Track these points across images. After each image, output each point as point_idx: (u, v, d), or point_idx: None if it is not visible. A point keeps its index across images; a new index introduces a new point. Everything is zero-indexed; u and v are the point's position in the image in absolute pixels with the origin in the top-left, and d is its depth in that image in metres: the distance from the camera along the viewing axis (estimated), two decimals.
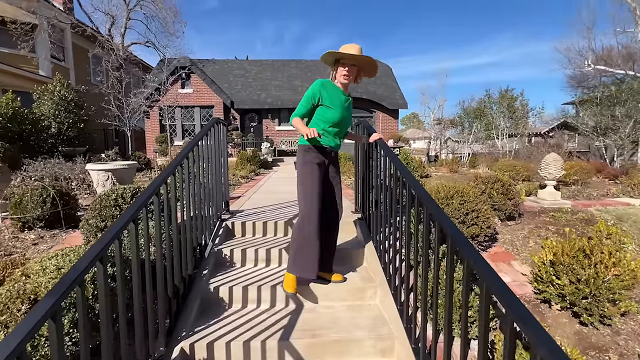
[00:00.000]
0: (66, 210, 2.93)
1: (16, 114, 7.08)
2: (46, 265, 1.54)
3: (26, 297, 1.41)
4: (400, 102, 13.98)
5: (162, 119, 14.01)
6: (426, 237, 1.63)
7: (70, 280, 1.00)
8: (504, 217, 3.09)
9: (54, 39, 12.87)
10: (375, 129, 3.24)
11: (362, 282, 2.36)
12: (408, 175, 1.93)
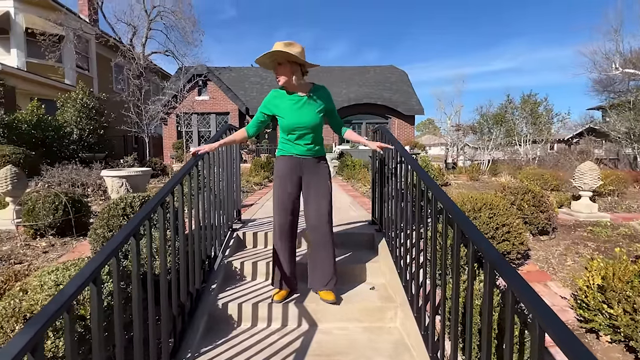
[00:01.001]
0: (77, 217, 2.89)
1: (40, 120, 7.32)
2: (44, 281, 1.44)
3: (21, 315, 1.32)
4: (416, 108, 13.71)
5: (179, 126, 14.28)
6: (456, 256, 1.44)
7: (52, 311, 0.88)
8: (536, 231, 2.83)
9: (79, 49, 13.42)
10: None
11: (380, 302, 2.17)
12: (433, 185, 1.75)
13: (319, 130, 2.16)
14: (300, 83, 2.07)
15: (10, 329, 1.28)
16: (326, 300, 2.09)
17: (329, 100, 2.16)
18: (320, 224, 2.11)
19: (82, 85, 8.91)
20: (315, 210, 2.13)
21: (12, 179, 3.18)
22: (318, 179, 2.16)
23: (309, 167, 2.16)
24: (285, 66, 1.99)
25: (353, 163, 8.84)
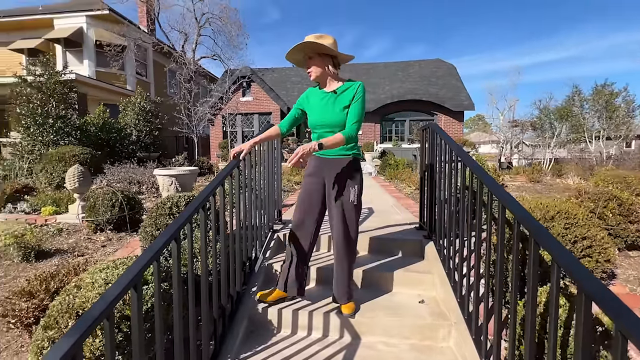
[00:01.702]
0: (131, 214, 3.05)
1: (105, 123, 8.07)
2: (95, 279, 1.49)
3: (74, 312, 1.36)
4: (465, 104, 12.79)
5: (224, 126, 14.95)
6: (532, 276, 1.20)
7: (92, 317, 0.85)
8: (624, 245, 2.36)
9: (139, 57, 14.67)
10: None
11: (431, 318, 1.96)
12: (499, 189, 1.50)
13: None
14: (332, 78, 1.93)
15: (64, 325, 1.33)
16: (345, 314, 1.95)
17: (356, 96, 1.88)
18: (338, 238, 1.96)
19: (140, 90, 9.71)
20: (336, 223, 1.95)
21: (78, 177, 3.47)
22: (342, 183, 1.95)
23: (332, 169, 1.97)
24: (315, 59, 1.87)
25: (396, 162, 8.49)
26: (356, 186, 1.96)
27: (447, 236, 2.18)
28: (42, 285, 1.68)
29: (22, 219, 3.64)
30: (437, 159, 2.55)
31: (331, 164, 1.99)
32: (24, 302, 1.66)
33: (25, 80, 6.37)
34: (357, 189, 1.96)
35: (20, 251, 2.50)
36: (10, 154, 6.44)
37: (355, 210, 1.96)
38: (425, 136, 2.97)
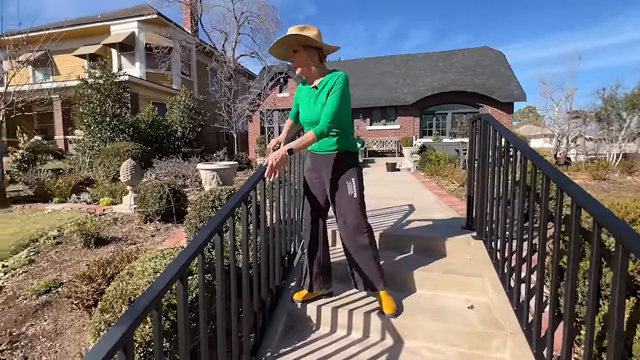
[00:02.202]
0: (177, 206, 3.19)
1: (154, 121, 8.62)
2: (145, 267, 1.55)
3: (126, 298, 1.43)
4: (516, 94, 11.78)
5: (262, 122, 15.31)
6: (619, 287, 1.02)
7: (143, 307, 0.87)
8: None
9: (183, 57, 15.48)
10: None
11: (483, 326, 1.80)
12: (573, 187, 1.30)
13: (343, 126, 1.87)
14: (319, 71, 1.81)
15: (118, 309, 1.40)
16: (387, 314, 1.87)
17: (333, 88, 1.75)
18: (345, 234, 1.92)
19: (185, 89, 10.22)
20: (339, 218, 1.93)
21: (130, 171, 3.72)
22: (338, 179, 1.89)
23: (325, 165, 1.93)
24: (300, 53, 1.76)
25: (437, 157, 8.08)
26: (353, 179, 1.89)
27: (502, 237, 1.98)
28: (99, 270, 1.80)
29: (84, 209, 3.99)
30: (489, 153, 2.34)
31: (322, 159, 1.95)
32: (84, 285, 1.79)
33: (87, 83, 7.00)
34: (354, 182, 1.89)
35: (82, 238, 2.73)
36: (75, 150, 7.14)
37: (357, 203, 1.89)
38: (476, 128, 2.74)
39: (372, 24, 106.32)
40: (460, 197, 4.66)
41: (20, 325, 1.89)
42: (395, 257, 2.44)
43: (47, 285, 2.19)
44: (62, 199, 4.45)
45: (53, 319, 1.93)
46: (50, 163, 6.74)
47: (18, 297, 2.14)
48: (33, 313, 1.98)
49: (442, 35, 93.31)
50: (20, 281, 2.35)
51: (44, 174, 5.66)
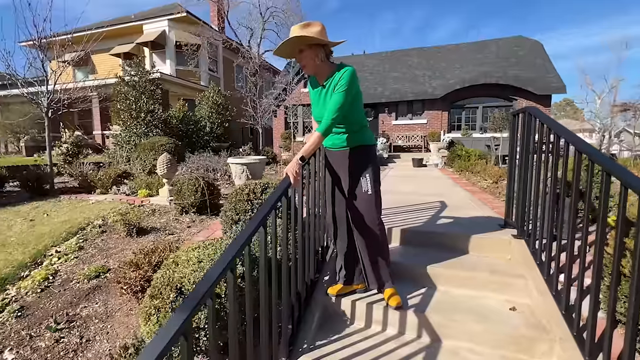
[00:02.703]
0: (211, 199, 3.29)
1: (185, 116, 8.92)
2: (190, 257, 1.61)
3: (174, 285, 1.49)
4: (554, 86, 11.07)
5: (287, 117, 15.42)
6: None
7: (199, 295, 0.90)
8: None
9: (210, 54, 15.85)
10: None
11: (527, 329, 1.72)
12: (634, 181, 1.21)
13: (346, 117, 1.79)
14: (326, 67, 1.78)
15: (166, 296, 1.47)
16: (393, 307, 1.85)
17: (338, 84, 1.73)
18: (359, 229, 1.92)
19: (213, 85, 10.48)
20: (353, 214, 1.92)
21: (166, 164, 3.87)
22: (352, 174, 1.89)
23: (339, 161, 1.94)
24: (306, 52, 1.72)
25: (468, 153, 7.79)
26: (368, 175, 1.86)
27: (549, 236, 1.88)
28: (145, 258, 1.89)
29: (124, 200, 4.21)
30: (534, 148, 2.21)
31: (338, 156, 1.95)
32: (131, 272, 1.89)
33: (124, 80, 7.35)
34: (369, 178, 1.86)
35: (125, 227, 2.88)
36: (113, 144, 7.55)
37: (372, 199, 1.86)
38: (518, 122, 2.60)
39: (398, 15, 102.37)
40: (495, 195, 4.47)
41: (75, 307, 2.03)
42: (430, 254, 2.38)
43: (96, 270, 2.34)
44: (104, 190, 4.72)
45: (103, 302, 2.07)
46: (90, 157, 7.17)
47: (72, 281, 2.30)
48: (85, 296, 2.13)
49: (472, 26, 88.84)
50: (72, 266, 2.52)
51: (86, 167, 6.03)
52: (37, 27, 4.62)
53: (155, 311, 1.45)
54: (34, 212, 3.88)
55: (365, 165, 1.89)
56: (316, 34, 1.69)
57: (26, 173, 4.59)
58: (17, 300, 2.11)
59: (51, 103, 4.89)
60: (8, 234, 3.20)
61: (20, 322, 1.90)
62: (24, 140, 14.23)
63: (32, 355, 1.66)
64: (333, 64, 1.82)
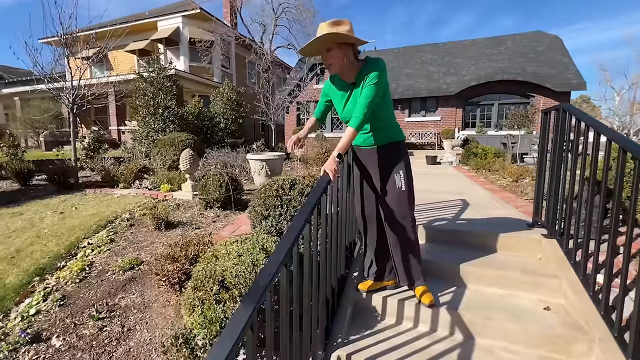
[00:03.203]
0: (235, 194, 3.34)
1: (200, 112, 9.02)
2: (229, 250, 1.65)
3: (216, 278, 1.53)
4: (574, 83, 10.79)
5: (299, 113, 15.45)
6: None
7: (262, 289, 0.93)
8: None
9: (223, 51, 15.94)
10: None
11: (563, 328, 1.71)
12: None
13: (375, 112, 1.78)
14: (353, 66, 1.75)
15: (209, 287, 1.50)
16: (426, 305, 1.87)
17: (367, 79, 1.71)
18: (391, 225, 1.91)
19: (227, 82, 10.55)
20: (385, 210, 1.92)
21: (189, 160, 3.94)
22: (383, 171, 1.90)
23: (369, 159, 1.94)
24: (334, 50, 1.69)
25: (484, 151, 7.67)
26: (401, 171, 1.86)
27: (586, 236, 1.85)
28: (181, 251, 1.94)
29: (147, 194, 4.30)
30: (569, 146, 2.17)
31: (367, 154, 1.95)
32: (168, 264, 1.95)
33: (142, 77, 7.47)
34: (402, 174, 1.85)
35: (154, 221, 2.95)
36: (131, 139, 7.69)
37: (405, 195, 1.86)
38: (549, 119, 2.56)
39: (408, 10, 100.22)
40: (516, 194, 4.40)
41: (113, 297, 2.10)
42: (457, 252, 2.38)
43: (130, 262, 2.41)
44: (126, 185, 4.83)
45: (139, 293, 2.13)
46: (110, 152, 7.33)
47: (107, 272, 2.38)
48: (122, 287, 2.20)
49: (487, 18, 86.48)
50: (106, 257, 2.60)
51: (107, 162, 6.17)
52: (63, 24, 4.73)
53: (199, 303, 1.49)
54: (62, 205, 4.00)
55: (397, 162, 1.89)
56: (346, 32, 1.66)
57: (53, 167, 4.73)
58: (58, 289, 2.19)
59: (76, 99, 5.01)
60: (41, 226, 3.32)
61: (64, 311, 1.98)
62: (43, 135, 14.64)
63: (78, 343, 1.73)
64: (360, 60, 1.80)
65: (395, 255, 1.96)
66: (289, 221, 2.29)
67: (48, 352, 1.67)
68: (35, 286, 2.28)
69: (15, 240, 3.02)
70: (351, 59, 1.74)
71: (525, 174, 5.44)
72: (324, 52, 1.75)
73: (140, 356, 1.65)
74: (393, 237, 1.93)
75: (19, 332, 1.77)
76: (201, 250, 1.97)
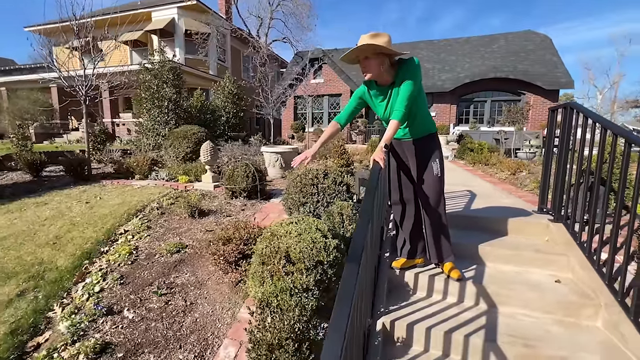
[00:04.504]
0: (259, 184, 3.52)
1: (202, 106, 9.05)
2: (288, 230, 1.85)
3: (282, 253, 1.73)
4: (562, 81, 11.29)
5: (296, 108, 15.54)
6: None
7: (357, 257, 1.13)
8: None
9: (219, 44, 15.82)
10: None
11: (574, 296, 2.00)
12: None
13: (415, 110, 2.01)
14: (389, 73, 1.97)
15: (277, 262, 1.71)
16: (455, 279, 2.14)
17: (406, 76, 1.92)
18: (428, 208, 2.17)
19: (229, 75, 10.57)
20: (422, 196, 2.17)
21: (210, 152, 4.08)
22: (422, 160, 2.14)
23: (408, 150, 2.17)
24: (372, 60, 1.91)
25: (481, 146, 8.03)
26: (437, 160, 2.11)
27: (592, 219, 2.13)
28: (235, 233, 2.13)
29: (167, 185, 4.43)
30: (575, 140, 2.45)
31: (406, 145, 2.17)
32: (222, 245, 2.13)
33: (147, 69, 7.46)
34: (438, 162, 2.11)
35: (188, 209, 3.11)
36: (136, 132, 7.70)
37: (440, 181, 2.12)
38: (556, 116, 2.84)
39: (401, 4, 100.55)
40: (516, 185, 4.73)
41: (167, 276, 2.28)
42: (475, 236, 2.65)
43: (175, 246, 2.58)
44: (142, 176, 4.92)
45: (191, 273, 2.31)
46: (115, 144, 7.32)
47: (155, 255, 2.55)
48: (174, 267, 2.37)
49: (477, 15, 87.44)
50: (148, 242, 2.76)
51: (115, 154, 6.21)
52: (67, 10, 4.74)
53: (268, 275, 1.69)
54: (84, 195, 4.09)
55: (433, 151, 2.13)
56: (384, 43, 1.87)
57: (69, 159, 4.78)
58: (113, 270, 2.35)
59: (88, 90, 5.04)
60: (71, 215, 3.42)
61: (125, 288, 2.15)
62: (34, 127, 14.28)
63: (148, 314, 1.91)
64: (394, 65, 2.01)
65: (429, 235, 2.21)
66: (325, 207, 2.50)
67: (123, 323, 1.85)
68: (87, 268, 2.43)
69: (50, 227, 3.13)
70: (386, 67, 1.96)
71: (521, 167, 5.80)
72: (362, 60, 1.96)
73: (207, 325, 1.85)
74: (428, 219, 2.17)
75: (92, 306, 1.94)
76: (252, 233, 2.17)
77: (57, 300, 2.10)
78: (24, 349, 1.74)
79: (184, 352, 1.67)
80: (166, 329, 1.80)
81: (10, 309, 2.01)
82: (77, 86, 4.95)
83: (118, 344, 1.71)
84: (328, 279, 1.72)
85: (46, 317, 1.96)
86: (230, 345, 1.72)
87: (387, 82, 2.03)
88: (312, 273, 1.64)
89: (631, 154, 1.91)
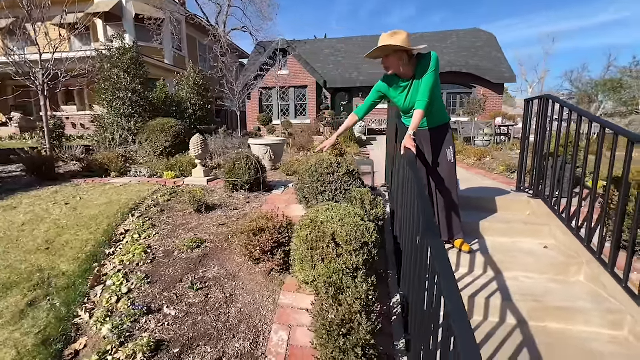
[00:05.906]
0: (262, 176, 3.53)
1: (167, 98, 8.50)
2: (329, 216, 1.95)
3: (328, 237, 1.83)
4: (507, 76, 12.58)
5: (261, 100, 15.21)
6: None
7: (436, 234, 1.29)
8: None
9: (175, 31, 14.79)
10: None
11: (561, 257, 2.40)
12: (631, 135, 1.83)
13: (432, 101, 2.19)
14: (408, 68, 2.19)
15: (326, 245, 1.80)
16: (466, 252, 2.42)
17: (426, 69, 2.12)
18: (444, 190, 2.40)
19: (192, 65, 10.00)
20: (437, 179, 2.40)
21: (200, 145, 3.95)
22: (437, 147, 2.37)
23: (424, 138, 2.39)
24: (392, 56, 2.13)
25: None
26: (451, 147, 2.39)
27: (569, 195, 2.53)
28: (267, 223, 2.17)
29: (153, 182, 4.18)
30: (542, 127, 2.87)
31: (423, 134, 2.40)
32: (253, 236, 2.16)
33: (107, 57, 6.79)
34: (452, 149, 2.39)
35: (194, 205, 3.02)
36: (96, 126, 7.01)
37: (454, 166, 2.40)
38: (532, 107, 3.26)
39: None
40: (485, 170, 5.27)
41: (196, 272, 2.24)
42: (471, 214, 2.97)
43: (194, 241, 2.52)
44: (118, 174, 4.57)
45: (220, 266, 2.30)
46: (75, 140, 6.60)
47: (173, 252, 2.47)
48: (199, 262, 2.33)
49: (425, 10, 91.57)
50: (159, 240, 2.66)
51: (77, 150, 5.65)
52: None
53: (319, 258, 1.78)
54: (58, 196, 3.71)
55: (447, 139, 2.38)
56: (402, 42, 2.06)
57: (31, 157, 4.24)
58: (134, 270, 2.25)
59: (46, 79, 4.51)
60: (53, 218, 3.12)
61: (155, 287, 2.08)
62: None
63: (190, 309, 1.89)
64: (414, 58, 2.21)
65: (442, 215, 2.45)
66: (344, 194, 2.63)
67: (168, 319, 1.81)
68: (100, 270, 2.29)
69: (34, 232, 2.83)
70: (405, 61, 2.15)
71: (485, 154, 6.44)
72: (383, 57, 2.17)
73: (252, 314, 1.90)
74: (441, 200, 2.41)
75: (128, 307, 1.86)
76: (280, 222, 2.22)
77: (79, 305, 1.97)
78: (62, 358, 1.64)
79: (239, 341, 1.71)
80: (214, 321, 1.81)
81: (27, 319, 1.85)
82: (33, 74, 4.39)
83: (170, 340, 1.68)
84: (372, 258, 1.86)
85: (74, 324, 1.84)
86: (280, 330, 1.79)
87: (408, 75, 2.22)
88: (360, 253, 1.77)
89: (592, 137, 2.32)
